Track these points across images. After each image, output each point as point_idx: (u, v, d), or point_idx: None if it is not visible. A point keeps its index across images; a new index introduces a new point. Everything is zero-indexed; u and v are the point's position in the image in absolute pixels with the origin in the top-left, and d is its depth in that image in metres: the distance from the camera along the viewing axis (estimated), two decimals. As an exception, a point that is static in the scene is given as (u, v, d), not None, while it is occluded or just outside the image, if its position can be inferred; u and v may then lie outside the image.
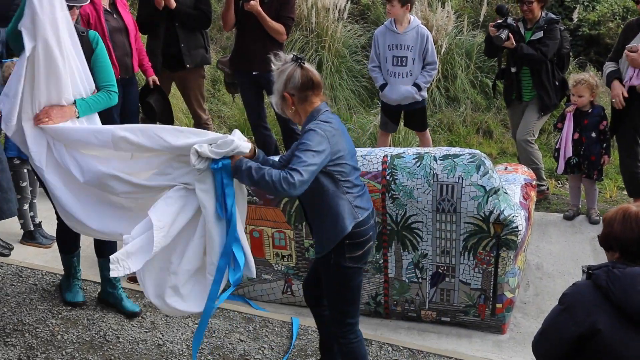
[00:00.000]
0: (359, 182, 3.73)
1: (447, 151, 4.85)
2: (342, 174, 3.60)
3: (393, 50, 6.62)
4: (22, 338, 4.40)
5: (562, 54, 6.70)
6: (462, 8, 10.85)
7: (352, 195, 3.65)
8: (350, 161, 3.66)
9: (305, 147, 3.45)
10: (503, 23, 6.56)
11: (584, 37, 10.47)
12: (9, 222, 5.74)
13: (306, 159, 3.42)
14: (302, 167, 3.40)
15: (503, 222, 4.69)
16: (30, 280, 5.00)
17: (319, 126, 3.53)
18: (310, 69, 3.64)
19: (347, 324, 3.82)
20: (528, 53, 6.53)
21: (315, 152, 3.44)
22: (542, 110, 6.73)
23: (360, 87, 9.75)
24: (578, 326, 2.81)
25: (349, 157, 3.65)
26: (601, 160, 6.36)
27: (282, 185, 3.37)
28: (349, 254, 3.65)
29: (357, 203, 3.67)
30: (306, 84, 3.60)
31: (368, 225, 3.71)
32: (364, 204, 3.71)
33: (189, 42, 6.54)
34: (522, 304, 5.32)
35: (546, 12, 6.67)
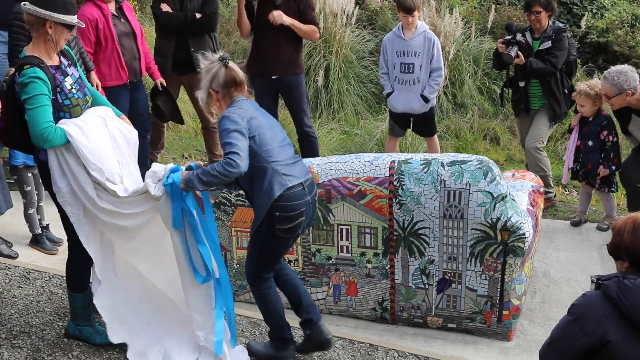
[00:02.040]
0: (285, 152, 4.02)
1: (454, 157, 4.85)
2: (261, 143, 3.92)
3: (401, 57, 6.62)
4: (29, 340, 4.40)
5: (570, 60, 6.69)
6: (470, 14, 10.86)
7: (277, 164, 3.94)
8: (269, 132, 3.98)
9: (225, 132, 3.82)
10: (512, 40, 6.54)
11: (592, 45, 10.47)
12: (17, 223, 5.78)
13: (232, 140, 3.78)
14: (233, 148, 3.76)
15: (510, 229, 4.68)
16: (37, 282, 5.01)
17: (230, 110, 3.93)
18: (234, 68, 4.04)
19: (263, 278, 4.16)
20: (538, 68, 6.51)
21: (234, 131, 3.81)
22: (552, 119, 6.72)
23: (367, 92, 9.76)
24: (588, 337, 2.78)
25: (269, 128, 4.00)
26: (597, 170, 6.32)
27: (228, 169, 3.73)
28: (279, 225, 3.95)
29: (285, 171, 3.95)
30: (229, 82, 4.01)
31: (301, 201, 3.97)
32: (294, 172, 3.99)
33: (199, 45, 6.56)
34: (529, 311, 5.30)
35: (553, 21, 6.66)
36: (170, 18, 6.49)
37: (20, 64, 3.96)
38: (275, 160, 3.93)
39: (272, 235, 3.99)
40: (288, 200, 3.91)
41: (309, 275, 5.12)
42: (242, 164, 3.74)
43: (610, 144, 6.30)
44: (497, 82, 9.72)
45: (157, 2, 6.60)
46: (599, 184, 6.37)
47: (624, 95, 5.75)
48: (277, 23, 6.37)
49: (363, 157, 5.00)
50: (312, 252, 5.08)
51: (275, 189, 3.88)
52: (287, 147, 4.06)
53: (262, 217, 3.95)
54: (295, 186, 3.95)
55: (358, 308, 5.12)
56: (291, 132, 8.40)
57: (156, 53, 6.70)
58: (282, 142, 4.05)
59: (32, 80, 3.88)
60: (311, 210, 4.08)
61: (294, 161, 4.04)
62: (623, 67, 5.88)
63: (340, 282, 5.09)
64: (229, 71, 4.02)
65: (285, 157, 3.99)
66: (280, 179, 3.91)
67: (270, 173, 3.91)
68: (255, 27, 6.55)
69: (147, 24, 9.72)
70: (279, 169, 3.92)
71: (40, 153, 4.08)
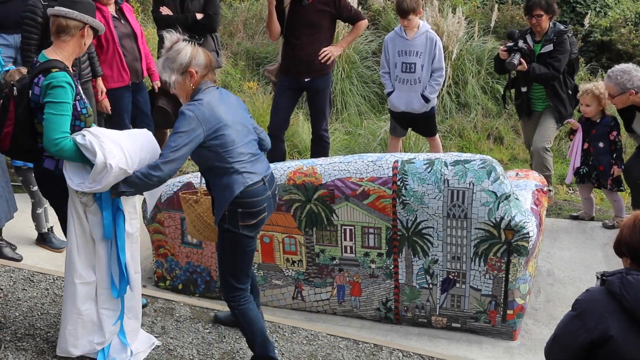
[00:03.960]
0: (248, 149, 3.91)
1: (457, 157, 4.85)
2: (223, 145, 3.80)
3: (402, 56, 6.62)
4: (34, 342, 4.41)
5: (572, 59, 6.66)
6: (473, 14, 10.85)
7: (238, 163, 3.85)
8: (232, 131, 3.84)
9: (175, 131, 3.73)
10: (514, 47, 6.50)
11: (596, 43, 10.45)
12: (21, 226, 5.79)
13: (173, 143, 3.70)
14: (169, 151, 3.69)
15: (514, 228, 4.68)
16: (41, 285, 5.02)
17: (189, 107, 3.76)
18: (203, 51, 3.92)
19: (237, 288, 4.04)
20: (541, 73, 6.48)
21: (182, 133, 3.70)
22: (559, 121, 6.69)
23: (370, 92, 9.75)
24: (590, 332, 2.79)
25: (232, 126, 3.84)
26: (611, 170, 6.31)
27: (152, 173, 3.71)
28: (242, 222, 3.88)
29: (246, 169, 3.87)
30: (208, 63, 3.90)
31: (262, 196, 3.91)
32: (255, 169, 3.91)
33: (202, 46, 6.57)
34: (533, 310, 5.30)
35: (554, 23, 6.61)
36: (170, 21, 6.47)
37: (47, 67, 3.91)
38: (236, 161, 3.85)
39: (237, 234, 3.91)
40: (250, 197, 3.86)
41: (312, 276, 5.12)
42: (167, 167, 3.69)
43: (620, 144, 6.31)
44: (500, 82, 9.71)
45: (157, 5, 6.60)
46: (611, 184, 6.36)
47: (627, 94, 5.74)
48: (335, 56, 6.59)
49: (366, 157, 5.00)
50: (316, 252, 5.08)
51: (235, 188, 3.82)
52: (251, 144, 3.96)
53: (222, 212, 3.88)
54: (256, 183, 3.89)
55: (362, 308, 5.12)
56: (294, 134, 8.45)
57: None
58: (246, 137, 3.93)
59: (62, 85, 3.86)
60: (272, 205, 4.04)
61: (255, 157, 3.96)
62: (627, 66, 5.86)
63: (344, 282, 5.09)
64: (204, 51, 3.93)
65: (247, 155, 3.90)
66: (240, 177, 3.84)
67: (230, 172, 3.84)
68: (286, 29, 6.56)
69: (150, 26, 9.74)
70: (240, 167, 3.85)
71: (45, 161, 4.04)
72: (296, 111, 8.33)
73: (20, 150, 4.10)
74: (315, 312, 5.19)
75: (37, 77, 3.92)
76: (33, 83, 3.94)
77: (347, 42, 6.99)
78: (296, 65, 6.54)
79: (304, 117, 8.71)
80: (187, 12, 6.54)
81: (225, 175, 3.84)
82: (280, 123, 6.76)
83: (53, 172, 4.04)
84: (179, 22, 6.47)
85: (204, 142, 3.76)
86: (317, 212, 4.98)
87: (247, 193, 3.85)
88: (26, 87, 3.96)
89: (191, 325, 4.75)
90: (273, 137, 6.77)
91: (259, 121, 8.55)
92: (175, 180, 5.25)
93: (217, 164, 3.83)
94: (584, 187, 6.63)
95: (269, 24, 6.64)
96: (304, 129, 8.51)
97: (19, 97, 3.97)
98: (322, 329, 4.86)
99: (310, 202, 4.97)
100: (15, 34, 5.71)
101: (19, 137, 4.01)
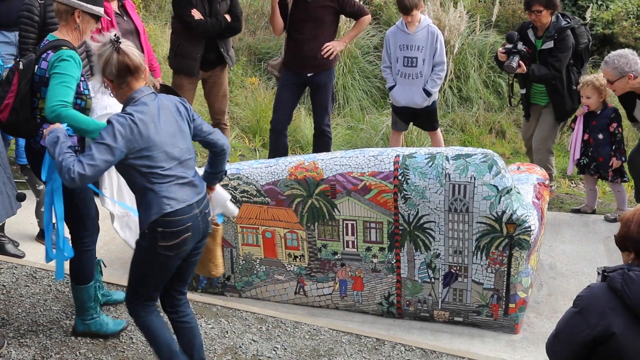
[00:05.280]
0: (175, 172, 3.61)
1: (459, 151, 4.84)
2: (148, 166, 3.53)
3: (404, 50, 6.61)
4: (37, 338, 4.42)
5: (579, 50, 6.51)
6: (475, 8, 10.84)
7: (160, 186, 3.55)
8: (160, 153, 3.56)
9: (101, 139, 3.42)
10: (513, 49, 6.38)
11: (598, 37, 10.42)
12: (23, 222, 5.80)
13: (95, 153, 3.38)
14: (89, 161, 3.36)
15: (516, 221, 4.68)
16: (44, 281, 5.03)
17: (119, 120, 3.47)
18: (128, 52, 3.55)
19: (141, 303, 3.80)
20: (541, 75, 6.37)
21: (107, 147, 3.40)
22: (558, 118, 6.61)
23: (372, 87, 9.76)
24: (592, 329, 2.77)
25: (161, 148, 3.56)
26: (610, 162, 6.30)
27: (66, 175, 3.36)
28: (162, 242, 3.59)
29: (167, 194, 3.56)
30: (122, 70, 3.54)
31: (186, 215, 3.60)
32: (179, 195, 3.60)
33: (227, 45, 6.64)
34: (535, 304, 5.30)
35: (557, 17, 6.45)
36: (206, 27, 6.39)
37: (57, 44, 4.02)
38: (159, 183, 3.56)
39: (153, 252, 3.63)
40: (171, 216, 3.57)
41: (315, 270, 5.13)
42: (81, 182, 3.37)
43: (620, 136, 6.30)
44: (502, 76, 9.70)
45: (185, 8, 6.45)
46: (612, 176, 6.36)
47: (625, 78, 5.70)
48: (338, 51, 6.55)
49: (367, 152, 5.00)
50: (318, 247, 5.08)
51: (152, 212, 3.55)
52: (182, 166, 3.65)
53: (142, 229, 3.62)
54: (177, 210, 3.58)
55: (364, 303, 5.12)
56: (296, 129, 8.45)
57: (181, 55, 6.59)
58: (174, 160, 3.62)
59: (71, 59, 3.95)
60: (200, 225, 3.70)
61: (184, 181, 3.65)
62: (624, 51, 5.83)
63: (347, 277, 5.09)
64: (121, 57, 3.53)
65: (172, 179, 3.60)
66: (160, 201, 3.55)
67: (150, 195, 3.56)
68: (289, 25, 6.57)
69: (152, 22, 9.75)
70: (161, 191, 3.55)
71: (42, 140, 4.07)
72: (298, 106, 8.34)
73: (18, 123, 4.11)
74: (318, 307, 5.20)
75: (45, 53, 4.02)
76: (41, 58, 4.04)
77: (350, 37, 6.99)
78: (299, 60, 6.55)
79: (306, 112, 8.72)
80: (216, 13, 6.46)
81: (145, 195, 3.58)
82: (282, 118, 6.77)
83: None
84: (214, 28, 6.42)
85: (126, 159, 3.50)
86: (319, 207, 4.98)
87: (166, 217, 3.57)
88: (32, 62, 4.06)
89: (194, 321, 4.76)
90: (276, 132, 6.80)
91: (261, 117, 8.58)
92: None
93: (139, 182, 3.58)
94: (589, 178, 6.62)
95: (272, 19, 6.64)
96: (306, 124, 8.52)
97: (24, 71, 4.05)
98: (324, 324, 4.87)
99: (312, 197, 4.97)
100: (16, 31, 5.72)
101: (19, 108, 4.07)
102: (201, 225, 3.72)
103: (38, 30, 5.46)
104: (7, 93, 4.08)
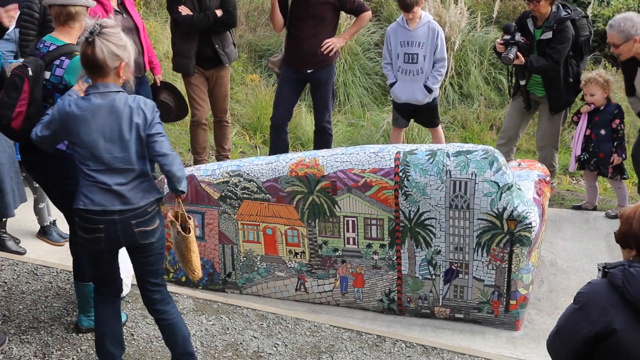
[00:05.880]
0: (97, 176, 3.66)
1: (460, 147, 4.84)
2: (77, 157, 3.71)
3: (405, 47, 6.60)
4: (38, 335, 4.43)
5: (580, 42, 6.45)
6: (475, 4, 10.83)
7: (83, 181, 3.70)
8: (86, 152, 3.64)
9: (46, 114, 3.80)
10: (511, 40, 6.33)
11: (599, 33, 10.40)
12: (24, 219, 5.80)
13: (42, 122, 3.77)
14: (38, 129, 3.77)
15: (517, 218, 4.68)
16: (45, 278, 5.04)
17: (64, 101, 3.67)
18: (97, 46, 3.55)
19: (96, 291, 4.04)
20: (540, 66, 6.32)
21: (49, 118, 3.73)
22: (552, 110, 6.54)
23: (373, 84, 9.75)
24: (593, 325, 2.77)
25: (88, 147, 3.63)
26: (610, 158, 6.30)
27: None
28: (79, 231, 3.78)
29: (86, 192, 3.68)
30: (84, 61, 3.64)
31: (99, 217, 3.67)
32: (96, 198, 3.67)
33: (223, 41, 6.58)
34: (536, 301, 5.30)
35: (557, 7, 6.38)
36: (192, 22, 6.38)
37: (69, 50, 4.05)
38: (83, 178, 3.70)
39: (80, 239, 3.84)
40: (84, 213, 3.70)
41: (315, 267, 5.13)
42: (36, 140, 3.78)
43: (622, 132, 6.29)
44: (502, 72, 9.69)
45: (174, 4, 6.46)
46: (612, 172, 6.35)
47: (631, 42, 5.62)
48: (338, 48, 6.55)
49: (368, 149, 4.99)
50: (319, 244, 5.08)
51: (74, 201, 3.74)
52: (112, 172, 3.67)
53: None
54: (91, 211, 3.68)
55: (365, 299, 5.12)
56: (297, 125, 8.45)
57: (178, 54, 6.60)
58: (108, 165, 3.66)
59: None
60: (119, 233, 3.73)
61: (106, 188, 3.66)
62: (628, 14, 5.76)
63: (347, 273, 5.09)
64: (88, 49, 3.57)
65: (93, 180, 3.67)
66: (79, 195, 3.70)
67: (80, 183, 3.73)
68: (288, 22, 6.56)
69: (152, 19, 9.74)
70: (83, 187, 3.70)
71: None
72: (299, 103, 8.33)
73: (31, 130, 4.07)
74: (319, 303, 5.20)
75: (58, 59, 4.03)
76: (54, 65, 4.03)
77: (351, 34, 6.98)
78: (299, 57, 6.55)
79: (306, 109, 8.71)
80: (205, 9, 6.46)
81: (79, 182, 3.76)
82: (283, 115, 6.77)
83: (64, 151, 4.09)
84: (201, 23, 6.40)
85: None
86: (320, 204, 4.98)
87: (81, 212, 3.71)
88: (41, 67, 4.02)
89: (194, 318, 4.77)
90: (276, 128, 6.80)
91: (262, 113, 8.58)
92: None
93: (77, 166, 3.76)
94: (589, 174, 6.62)
95: (272, 16, 6.64)
96: (307, 121, 8.52)
97: (34, 77, 4.00)
98: (325, 321, 4.87)
99: (312, 194, 4.97)
100: (16, 28, 5.71)
101: (33, 116, 4.02)
102: (121, 234, 3.73)
103: (38, 28, 5.46)
104: (18, 100, 3.99)
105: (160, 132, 3.71)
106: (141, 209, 3.73)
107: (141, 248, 3.83)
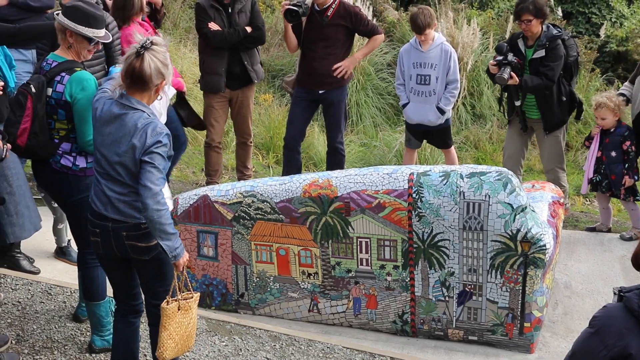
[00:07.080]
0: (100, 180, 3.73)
1: (473, 169, 4.84)
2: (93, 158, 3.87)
3: (417, 68, 6.62)
4: (52, 355, 4.43)
5: (569, 63, 6.41)
6: (488, 25, 10.84)
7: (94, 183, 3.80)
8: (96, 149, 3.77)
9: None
10: (503, 61, 6.30)
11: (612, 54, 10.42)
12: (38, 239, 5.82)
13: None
14: None
15: (531, 240, 4.66)
16: (59, 297, 5.05)
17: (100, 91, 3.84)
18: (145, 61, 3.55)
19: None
20: (534, 85, 6.27)
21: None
22: (547, 129, 6.48)
23: (386, 104, 9.77)
24: (609, 350, 2.75)
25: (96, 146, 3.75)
26: (622, 180, 6.28)
27: None
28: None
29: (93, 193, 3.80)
30: (128, 72, 3.60)
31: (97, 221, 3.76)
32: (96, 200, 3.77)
33: (252, 58, 6.65)
34: (551, 323, 5.27)
35: (547, 26, 6.37)
36: (223, 37, 6.45)
37: (69, 66, 4.12)
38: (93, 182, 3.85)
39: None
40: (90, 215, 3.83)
41: (328, 288, 5.12)
42: None
43: (634, 154, 6.27)
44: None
45: (203, 22, 6.50)
46: (624, 194, 6.33)
47: None
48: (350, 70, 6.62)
49: (381, 170, 5.00)
50: (332, 265, 5.08)
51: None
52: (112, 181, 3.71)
53: None
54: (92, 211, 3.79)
55: (378, 321, 5.11)
56: (310, 145, 8.46)
57: (207, 72, 6.65)
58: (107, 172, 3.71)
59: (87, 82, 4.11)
60: (112, 242, 3.76)
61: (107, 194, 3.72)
62: None
63: (360, 295, 5.08)
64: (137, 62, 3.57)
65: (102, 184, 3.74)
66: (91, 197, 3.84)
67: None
68: (302, 43, 6.62)
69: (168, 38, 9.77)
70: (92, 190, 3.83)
71: (62, 159, 4.16)
72: (312, 123, 8.34)
73: (38, 146, 4.16)
74: (331, 324, 5.19)
75: (59, 75, 4.08)
76: (55, 81, 4.09)
77: (363, 55, 7.01)
78: (312, 78, 6.58)
79: (319, 129, 8.73)
80: (235, 26, 6.52)
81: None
82: (296, 134, 6.79)
83: (71, 168, 4.16)
84: (232, 39, 6.46)
85: None
86: (333, 225, 4.98)
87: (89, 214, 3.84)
88: (43, 84, 4.09)
89: (207, 339, 4.76)
90: (289, 148, 6.82)
91: (275, 133, 8.60)
92: (191, 193, 5.28)
93: None
94: (601, 196, 6.60)
95: (285, 37, 6.70)
96: (320, 141, 8.53)
97: (37, 94, 4.07)
98: (338, 342, 4.86)
99: (325, 215, 4.97)
100: (33, 49, 5.77)
101: (38, 132, 4.11)
102: (113, 243, 3.77)
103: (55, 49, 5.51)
104: (23, 117, 4.08)
105: (153, 163, 3.56)
106: (133, 224, 3.73)
107: (135, 262, 3.85)
